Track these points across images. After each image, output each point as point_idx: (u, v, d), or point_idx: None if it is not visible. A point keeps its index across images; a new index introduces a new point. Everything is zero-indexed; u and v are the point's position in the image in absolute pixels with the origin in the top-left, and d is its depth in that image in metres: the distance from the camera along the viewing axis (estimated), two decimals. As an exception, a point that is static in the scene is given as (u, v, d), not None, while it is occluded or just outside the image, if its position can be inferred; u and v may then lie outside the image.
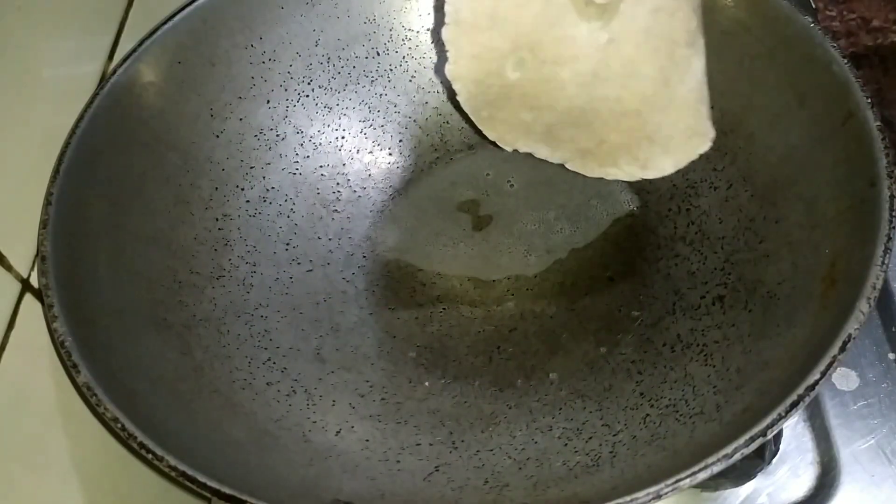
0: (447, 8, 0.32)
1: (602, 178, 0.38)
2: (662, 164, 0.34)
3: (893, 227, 0.30)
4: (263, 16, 0.42)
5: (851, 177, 0.33)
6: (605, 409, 0.34)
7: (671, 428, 0.32)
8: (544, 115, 0.34)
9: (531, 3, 0.32)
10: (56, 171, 0.35)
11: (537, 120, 0.34)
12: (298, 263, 0.40)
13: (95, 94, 0.37)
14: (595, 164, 0.35)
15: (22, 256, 0.32)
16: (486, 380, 0.36)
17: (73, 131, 0.36)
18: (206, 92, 0.41)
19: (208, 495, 0.28)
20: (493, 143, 0.40)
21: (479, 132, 0.38)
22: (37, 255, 0.33)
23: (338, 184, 0.43)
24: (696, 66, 0.34)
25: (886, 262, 0.30)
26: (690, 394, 0.33)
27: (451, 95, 0.34)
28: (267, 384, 0.36)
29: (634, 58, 0.32)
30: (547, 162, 0.40)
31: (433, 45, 0.41)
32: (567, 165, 0.35)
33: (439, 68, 0.37)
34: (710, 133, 0.34)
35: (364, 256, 0.41)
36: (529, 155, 0.40)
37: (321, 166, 0.43)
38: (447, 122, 0.44)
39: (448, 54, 0.33)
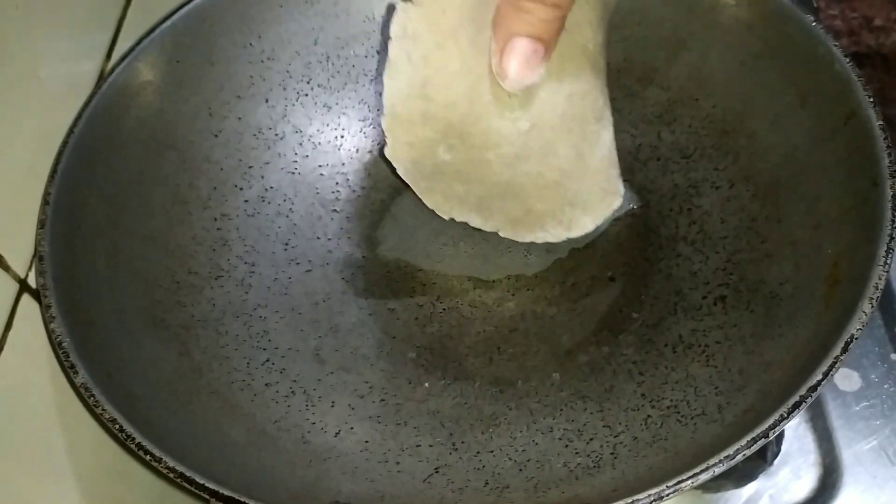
0: (385, 101, 0.35)
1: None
2: (584, 223, 0.38)
3: (896, 227, 0.30)
4: (262, 14, 0.41)
5: (854, 176, 0.33)
6: (606, 411, 0.34)
7: (672, 429, 0.32)
8: (475, 188, 0.37)
9: (458, 104, 0.34)
10: (54, 170, 0.35)
11: (469, 192, 0.37)
12: (297, 263, 0.40)
13: (93, 94, 0.37)
14: (525, 231, 0.38)
15: (19, 256, 0.32)
16: (487, 381, 0.36)
17: (70, 131, 0.36)
18: (205, 91, 0.40)
19: (207, 497, 0.28)
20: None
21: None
22: (34, 255, 0.33)
23: (337, 183, 0.43)
24: (604, 138, 0.37)
25: (889, 262, 0.29)
26: (692, 395, 0.33)
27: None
28: (266, 385, 0.36)
29: (552, 139, 0.35)
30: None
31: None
32: (500, 233, 0.38)
33: (381, 151, 0.41)
34: (621, 190, 0.38)
35: (363, 256, 0.41)
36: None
37: (320, 166, 0.43)
38: (447, 122, 0.44)
39: (387, 140, 0.36)
